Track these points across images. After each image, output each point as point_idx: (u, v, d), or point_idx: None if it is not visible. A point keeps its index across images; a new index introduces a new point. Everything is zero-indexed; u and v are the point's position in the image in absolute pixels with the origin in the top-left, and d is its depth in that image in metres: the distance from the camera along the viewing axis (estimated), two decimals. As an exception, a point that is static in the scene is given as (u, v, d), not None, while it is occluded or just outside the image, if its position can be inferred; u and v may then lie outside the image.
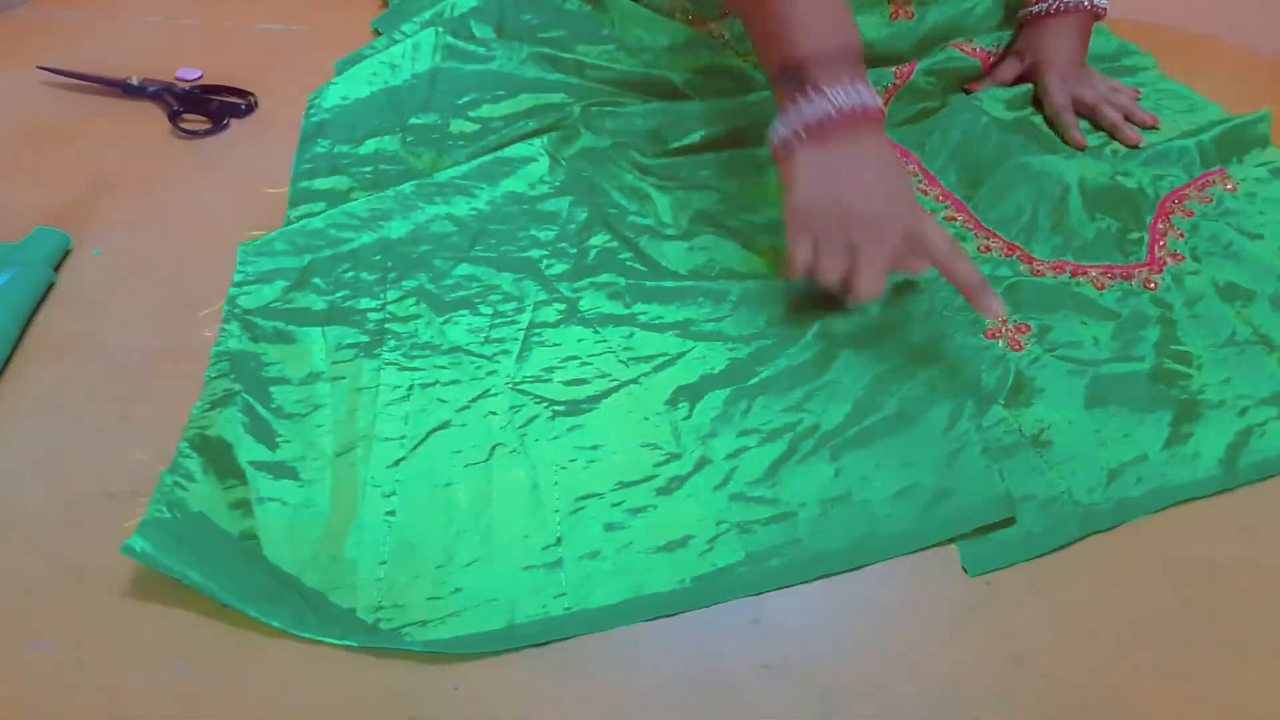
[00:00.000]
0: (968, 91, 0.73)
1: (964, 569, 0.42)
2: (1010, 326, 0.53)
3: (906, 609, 0.41)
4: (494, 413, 0.49)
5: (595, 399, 0.49)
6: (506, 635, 0.39)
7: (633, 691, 0.38)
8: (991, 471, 0.45)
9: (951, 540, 0.43)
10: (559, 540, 0.43)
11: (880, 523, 0.43)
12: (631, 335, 0.53)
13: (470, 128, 0.69)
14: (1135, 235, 0.59)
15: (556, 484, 0.45)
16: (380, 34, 0.82)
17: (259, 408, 0.48)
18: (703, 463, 0.46)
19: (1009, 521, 0.43)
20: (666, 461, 0.46)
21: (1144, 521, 0.44)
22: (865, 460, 0.46)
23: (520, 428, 0.48)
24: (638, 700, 0.38)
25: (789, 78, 0.52)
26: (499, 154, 0.64)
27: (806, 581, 0.42)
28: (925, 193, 0.64)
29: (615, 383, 0.50)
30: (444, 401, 0.49)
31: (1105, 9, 0.71)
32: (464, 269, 0.57)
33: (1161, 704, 0.38)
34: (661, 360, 0.51)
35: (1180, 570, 0.42)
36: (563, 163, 0.64)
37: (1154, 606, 0.41)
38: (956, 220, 0.61)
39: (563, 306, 0.55)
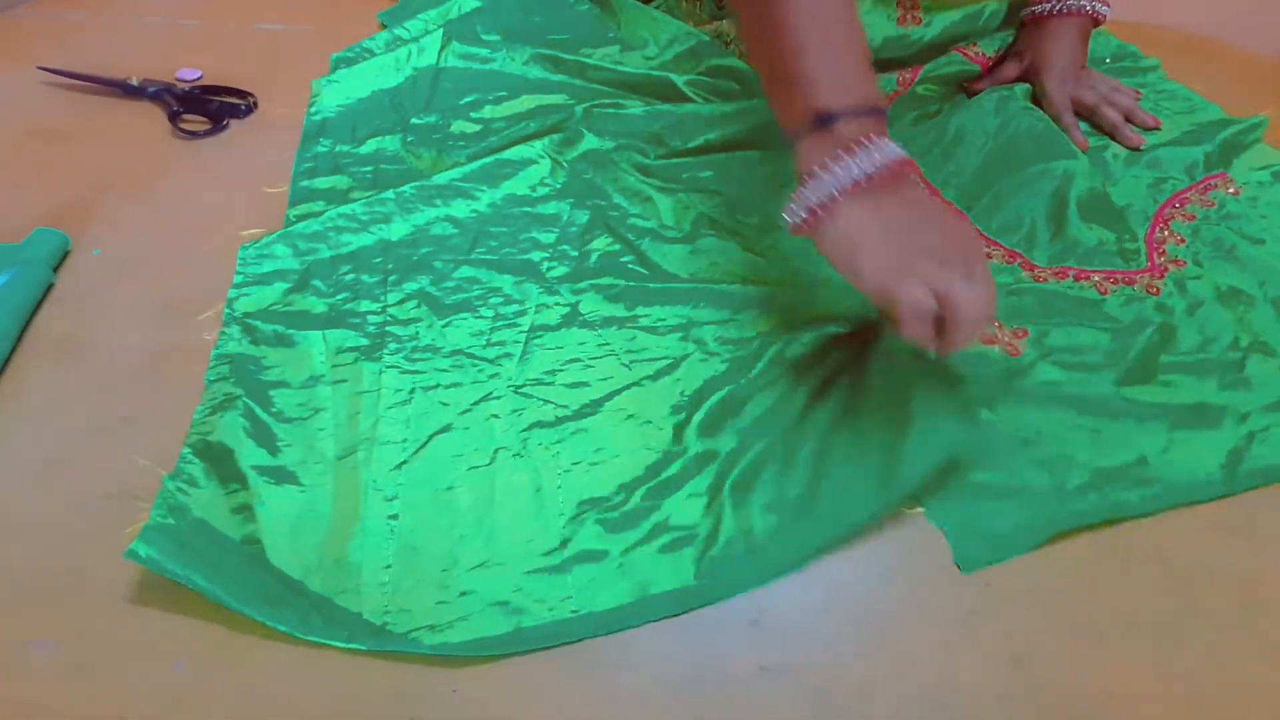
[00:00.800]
0: (969, 92, 0.73)
1: (956, 565, 0.42)
2: (1007, 332, 0.53)
3: (906, 610, 0.41)
4: (496, 416, 0.49)
5: (597, 402, 0.49)
6: (514, 639, 0.39)
7: (631, 692, 0.38)
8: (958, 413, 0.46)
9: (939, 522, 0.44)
10: (563, 544, 0.43)
11: (866, 498, 0.44)
12: (633, 338, 0.53)
13: (471, 128, 0.69)
14: (1133, 246, 0.59)
15: (560, 488, 0.45)
16: (385, 27, 0.82)
17: (259, 411, 0.48)
18: (704, 462, 0.46)
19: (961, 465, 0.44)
20: (668, 462, 0.46)
21: (1142, 523, 0.44)
22: (857, 457, 0.46)
23: (522, 431, 0.48)
24: (636, 701, 0.38)
25: (815, 134, 0.46)
26: (500, 155, 0.64)
27: (806, 563, 0.42)
28: None
29: (617, 386, 0.50)
30: (446, 405, 0.49)
31: (1105, 16, 0.71)
32: (465, 271, 0.57)
33: (1161, 704, 0.38)
34: (663, 363, 0.51)
35: (1179, 571, 0.42)
36: (564, 165, 0.64)
37: (1153, 607, 0.41)
38: None
39: (564, 309, 0.55)
